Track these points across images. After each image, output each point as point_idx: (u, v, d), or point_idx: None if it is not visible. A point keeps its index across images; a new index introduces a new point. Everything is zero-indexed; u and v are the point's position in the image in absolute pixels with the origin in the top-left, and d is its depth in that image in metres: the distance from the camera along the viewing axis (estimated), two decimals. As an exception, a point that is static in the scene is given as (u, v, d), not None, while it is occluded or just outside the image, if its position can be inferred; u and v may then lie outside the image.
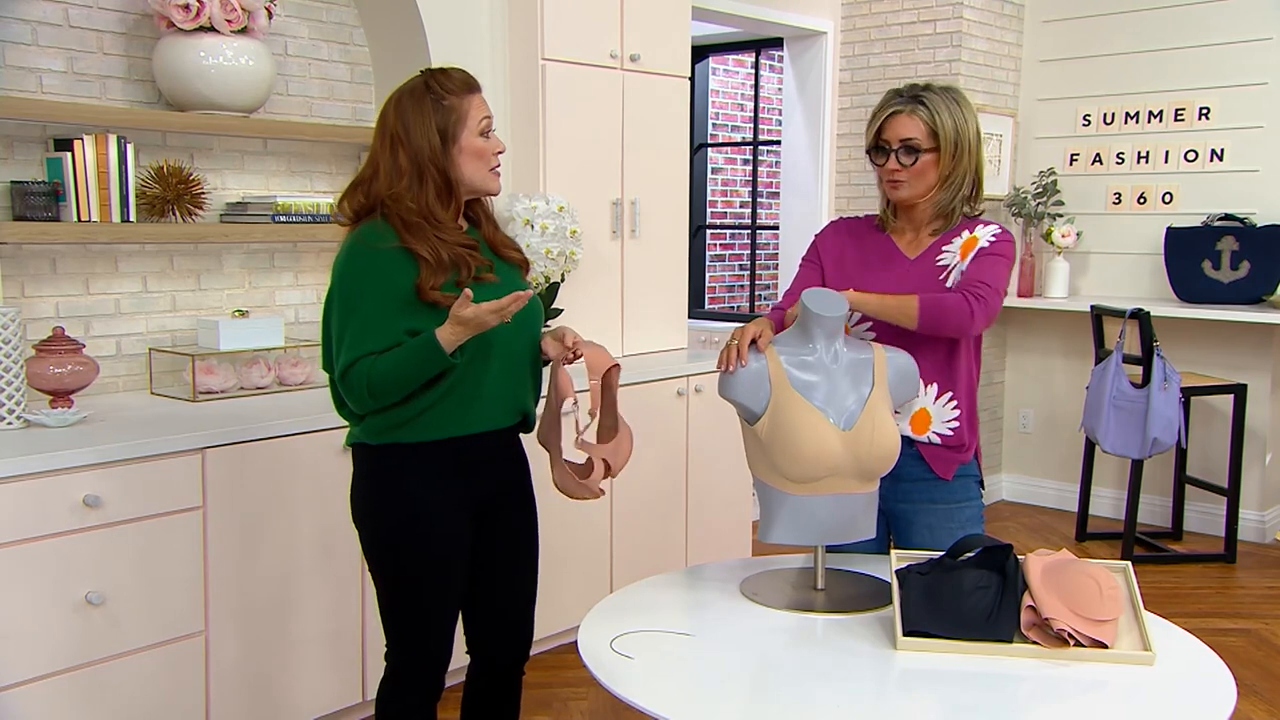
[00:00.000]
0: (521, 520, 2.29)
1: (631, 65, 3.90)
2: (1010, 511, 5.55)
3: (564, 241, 3.57)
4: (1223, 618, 4.14)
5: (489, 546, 2.24)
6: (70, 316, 3.06)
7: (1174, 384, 4.41)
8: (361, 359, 2.02)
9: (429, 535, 2.12)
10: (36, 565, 2.44)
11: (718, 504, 4.06)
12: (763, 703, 1.73)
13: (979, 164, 2.29)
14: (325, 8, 3.56)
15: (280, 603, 2.88)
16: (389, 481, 2.12)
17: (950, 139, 2.23)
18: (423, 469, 2.11)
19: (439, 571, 2.15)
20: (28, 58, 2.96)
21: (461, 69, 2.17)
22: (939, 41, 5.18)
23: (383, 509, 2.14)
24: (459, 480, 2.14)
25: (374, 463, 2.13)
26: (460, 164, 2.11)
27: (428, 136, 2.07)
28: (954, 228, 2.29)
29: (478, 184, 2.15)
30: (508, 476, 2.25)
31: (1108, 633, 1.83)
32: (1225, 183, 5.03)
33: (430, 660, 2.20)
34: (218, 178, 3.33)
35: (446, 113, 2.09)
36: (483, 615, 2.29)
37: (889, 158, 2.26)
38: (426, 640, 2.18)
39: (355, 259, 2.06)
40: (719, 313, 7.15)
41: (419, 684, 2.20)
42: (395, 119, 2.10)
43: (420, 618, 2.17)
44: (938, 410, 2.27)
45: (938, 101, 2.24)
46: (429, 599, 2.16)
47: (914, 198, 2.28)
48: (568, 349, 2.17)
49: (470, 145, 2.11)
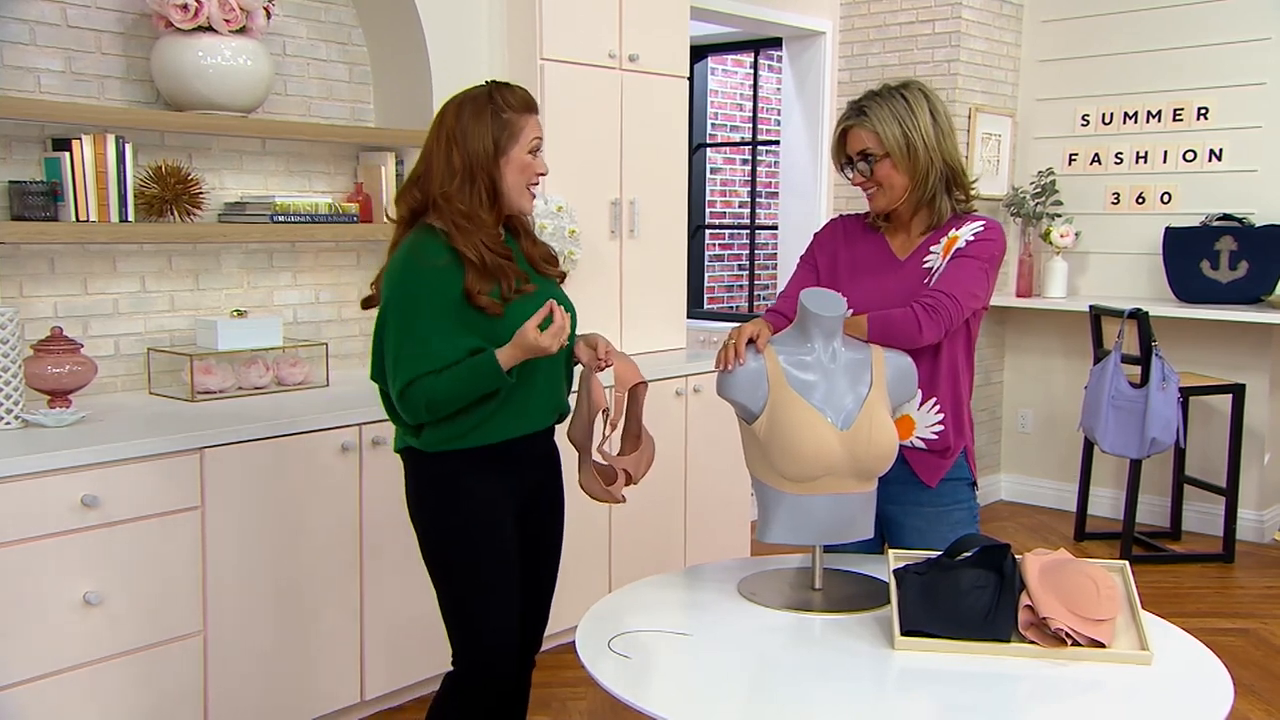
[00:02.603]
0: (551, 517, 2.36)
1: (630, 65, 3.90)
2: (1009, 511, 5.55)
3: (563, 241, 3.57)
4: (1221, 617, 4.14)
5: (526, 540, 2.29)
6: (68, 316, 3.06)
7: (1172, 384, 4.41)
8: (420, 378, 2.07)
9: (486, 526, 2.18)
10: (35, 565, 2.44)
11: (717, 504, 4.06)
12: (761, 702, 1.74)
13: (945, 153, 2.24)
14: (324, 8, 3.56)
15: (278, 603, 2.88)
16: (443, 484, 2.18)
17: (898, 143, 2.21)
18: (478, 471, 2.17)
19: (503, 566, 2.20)
20: (26, 57, 2.96)
21: (525, 89, 2.23)
22: (938, 41, 5.18)
23: (443, 510, 2.18)
24: (506, 478, 2.21)
25: (430, 468, 2.18)
26: (506, 175, 2.17)
27: (483, 142, 2.14)
28: (942, 226, 2.28)
29: (514, 199, 2.20)
30: (543, 474, 2.33)
31: (1105, 632, 1.83)
32: (1224, 183, 5.03)
33: (501, 653, 2.22)
34: (216, 177, 3.33)
35: (503, 125, 2.16)
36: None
37: (854, 172, 2.29)
38: (496, 628, 2.20)
39: (409, 275, 2.11)
40: (718, 313, 7.15)
41: (493, 679, 2.22)
42: (454, 121, 2.16)
43: (487, 607, 2.19)
44: (921, 416, 2.26)
45: (879, 109, 2.23)
46: (497, 593, 2.19)
47: (893, 203, 2.28)
48: (599, 357, 2.24)
49: (519, 159, 2.18)
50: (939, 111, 2.26)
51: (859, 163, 2.27)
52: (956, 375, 2.29)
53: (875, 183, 2.26)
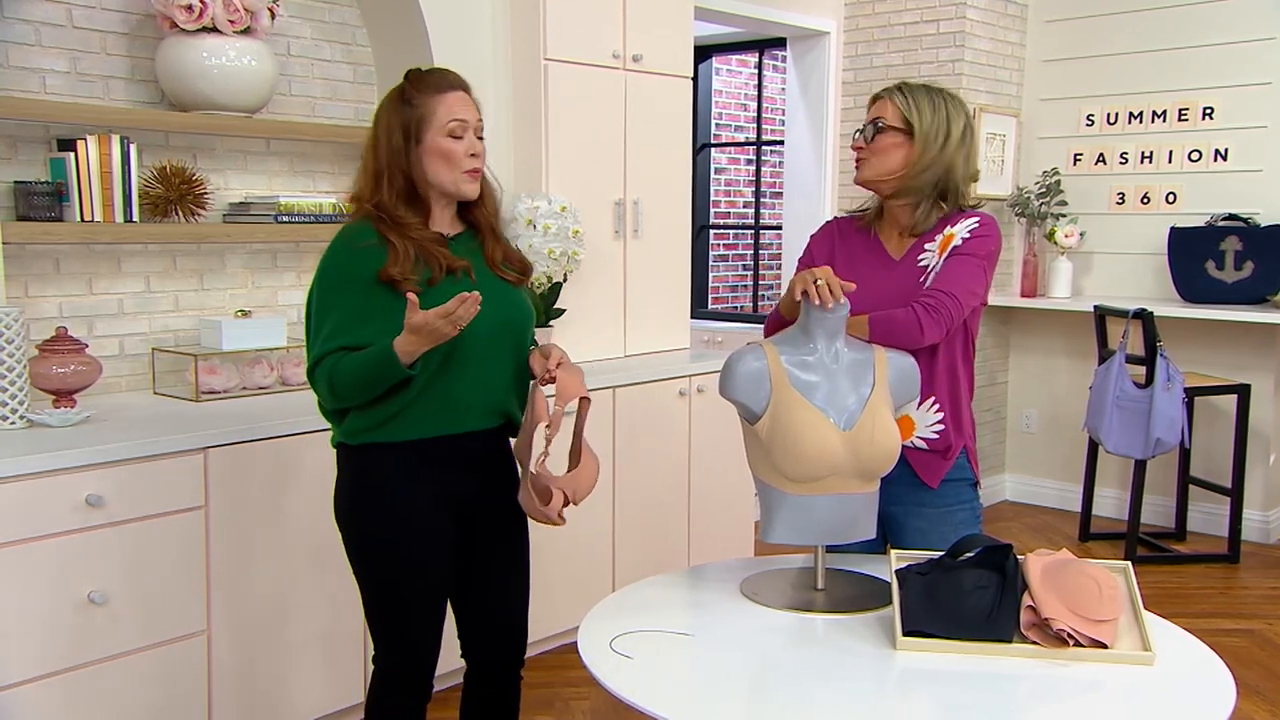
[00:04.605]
0: (508, 521, 2.27)
1: (634, 65, 3.90)
2: (1013, 512, 5.54)
3: (566, 242, 3.57)
4: (1226, 618, 4.14)
5: (474, 548, 2.23)
6: (73, 316, 3.07)
7: (1177, 384, 4.40)
8: (329, 355, 2.05)
9: (406, 534, 2.12)
10: (39, 564, 2.45)
11: (719, 504, 4.06)
12: (762, 702, 1.74)
13: (953, 165, 2.24)
14: (328, 8, 3.56)
15: (281, 603, 2.89)
16: (366, 481, 2.14)
17: (918, 124, 2.23)
18: (398, 468, 2.11)
19: (418, 570, 2.14)
20: (31, 58, 2.97)
21: (445, 69, 2.16)
22: (942, 41, 5.18)
23: (361, 508, 2.15)
24: (435, 479, 2.14)
25: (353, 462, 2.15)
26: (424, 165, 2.10)
27: (391, 139, 2.09)
28: (936, 224, 2.27)
29: (447, 186, 2.12)
30: (491, 478, 2.23)
31: (1107, 633, 1.83)
32: (1229, 183, 5.02)
33: (416, 661, 2.19)
34: (220, 178, 3.34)
35: (411, 113, 2.09)
36: (473, 617, 2.29)
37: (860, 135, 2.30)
38: (411, 641, 2.18)
39: (332, 255, 2.11)
40: (722, 313, 7.15)
41: (407, 686, 2.20)
42: (376, 123, 2.14)
43: (403, 618, 2.16)
44: (920, 415, 2.26)
45: (920, 92, 2.26)
46: (411, 599, 2.15)
47: (873, 180, 2.28)
48: (549, 369, 2.13)
49: (435, 146, 2.09)
50: (970, 133, 2.29)
51: (867, 127, 2.28)
52: (955, 374, 2.29)
53: (871, 150, 2.27)
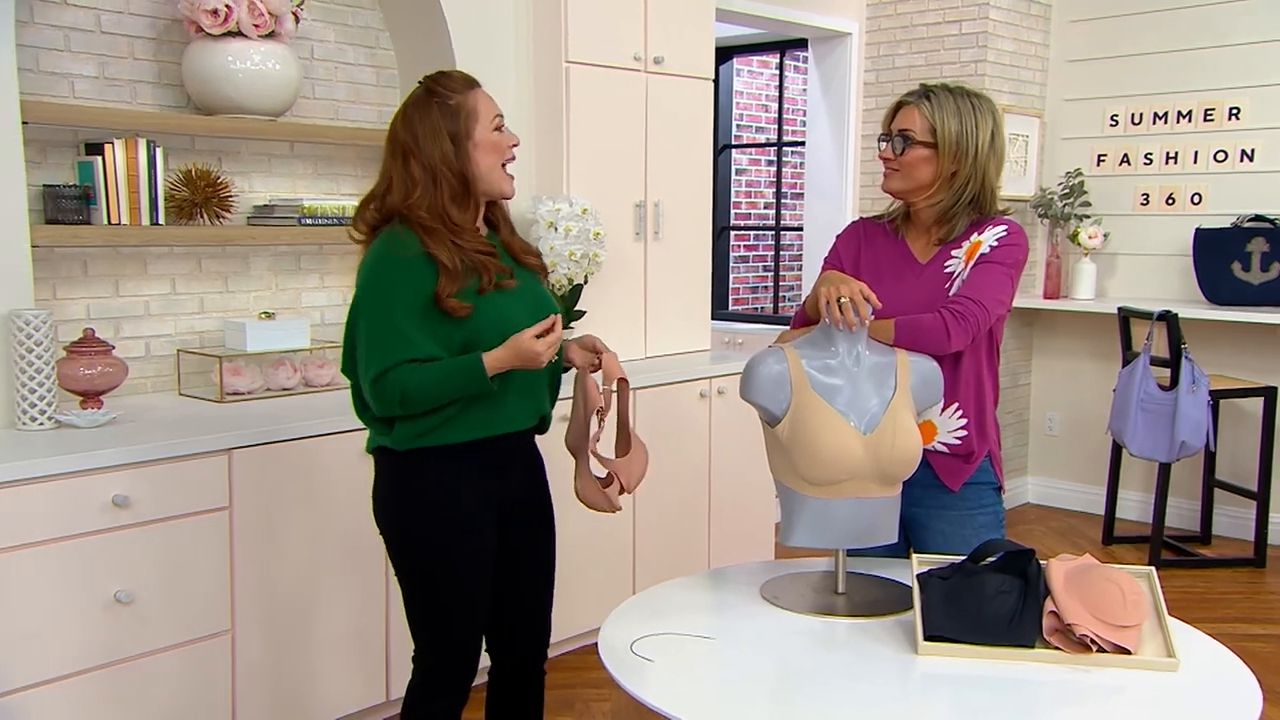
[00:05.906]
0: (539, 520, 2.31)
1: (655, 67, 3.90)
2: (1037, 514, 5.51)
3: (587, 243, 3.58)
4: (1252, 623, 4.10)
5: (509, 546, 2.26)
6: (100, 318, 3.10)
7: (1202, 386, 4.37)
8: (395, 367, 2.03)
9: (460, 535, 2.14)
10: (67, 564, 2.47)
11: (740, 506, 4.06)
12: (783, 706, 1.74)
13: (987, 173, 2.23)
14: (351, 11, 3.58)
15: (306, 602, 2.91)
16: (417, 484, 2.13)
17: (950, 140, 2.20)
18: (449, 470, 2.13)
19: (471, 571, 2.16)
20: (60, 63, 3.00)
21: (461, 71, 2.18)
22: (965, 42, 5.16)
23: (410, 513, 2.15)
24: (483, 481, 2.16)
25: (401, 467, 2.14)
26: (476, 160, 2.11)
27: (439, 142, 2.08)
28: (964, 231, 2.26)
29: (493, 183, 2.15)
30: (526, 477, 2.28)
31: (1131, 638, 1.82)
32: (1255, 183, 4.98)
33: (461, 662, 2.21)
34: (245, 181, 3.36)
35: (455, 112, 2.10)
36: (503, 615, 2.30)
37: (888, 144, 2.26)
38: (459, 642, 2.19)
39: (382, 265, 2.07)
40: (743, 314, 7.14)
41: (451, 687, 2.21)
42: (404, 131, 2.11)
43: (450, 621, 2.17)
44: (943, 421, 2.25)
45: (947, 100, 2.22)
46: (459, 602, 2.17)
47: (903, 192, 2.27)
48: (594, 357, 2.21)
49: (486, 140, 2.12)
50: (999, 134, 2.25)
51: (895, 138, 2.25)
52: (979, 381, 2.28)
53: (900, 164, 2.25)
